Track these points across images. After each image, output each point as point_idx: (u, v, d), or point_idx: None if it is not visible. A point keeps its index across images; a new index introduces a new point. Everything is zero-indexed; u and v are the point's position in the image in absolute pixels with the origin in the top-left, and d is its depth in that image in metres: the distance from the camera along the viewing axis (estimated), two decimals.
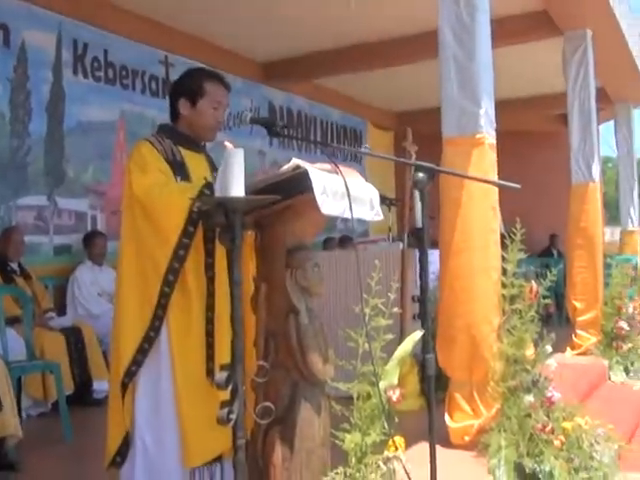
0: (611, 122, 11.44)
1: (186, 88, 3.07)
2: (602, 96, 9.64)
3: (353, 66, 9.05)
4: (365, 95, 11.40)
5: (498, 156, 4.14)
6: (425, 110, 10.72)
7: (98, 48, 7.18)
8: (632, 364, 6.92)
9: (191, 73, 3.16)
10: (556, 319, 9.21)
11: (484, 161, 3.94)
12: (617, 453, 4.12)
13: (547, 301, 4.03)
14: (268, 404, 2.50)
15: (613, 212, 20.42)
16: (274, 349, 2.60)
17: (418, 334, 3.05)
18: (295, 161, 2.49)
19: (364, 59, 8.76)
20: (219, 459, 2.80)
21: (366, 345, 2.68)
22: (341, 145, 10.56)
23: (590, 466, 3.73)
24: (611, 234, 15.97)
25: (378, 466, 2.71)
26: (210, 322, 2.79)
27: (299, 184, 2.43)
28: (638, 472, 4.27)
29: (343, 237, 9.82)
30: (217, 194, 2.32)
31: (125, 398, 2.80)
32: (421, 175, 2.45)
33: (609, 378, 6.65)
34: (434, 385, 3.96)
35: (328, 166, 2.56)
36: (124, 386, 2.79)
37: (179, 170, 2.95)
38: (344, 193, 2.47)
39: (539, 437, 3.60)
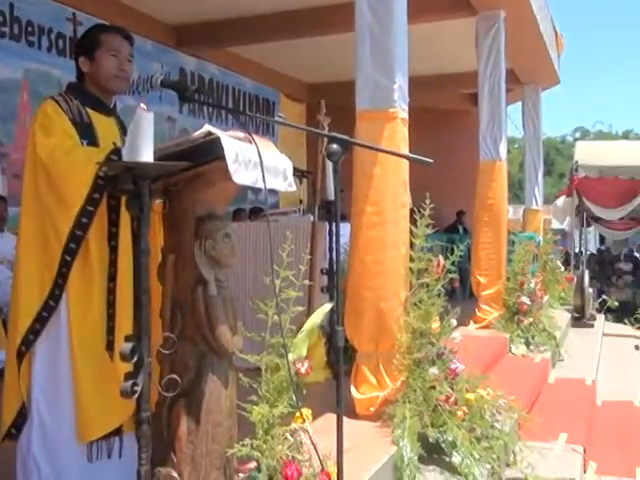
0: (519, 103, 11.70)
1: (84, 44, 2.96)
2: (512, 77, 9.86)
3: (268, 35, 8.91)
4: (279, 65, 11.29)
5: (410, 132, 4.16)
6: (339, 83, 10.68)
7: (3, 2, 6.83)
8: (533, 338, 7.18)
9: (88, 30, 3.05)
10: (460, 293, 9.44)
11: (396, 135, 3.95)
12: (517, 422, 4.28)
13: (453, 276, 4.12)
14: (174, 376, 2.46)
15: (516, 191, 21.07)
16: (181, 320, 2.54)
17: (327, 306, 3.05)
18: (207, 127, 2.42)
19: (279, 28, 8.65)
20: (118, 433, 2.74)
21: (275, 317, 2.66)
22: (255, 114, 10.42)
23: (491, 435, 3.86)
24: (514, 212, 16.49)
25: (285, 438, 2.71)
26: (112, 293, 2.71)
27: (211, 151, 2.37)
28: (537, 441, 4.45)
29: (254, 208, 9.76)
30: (125, 159, 2.24)
31: (22, 368, 2.70)
32: (335, 147, 2.42)
33: (510, 351, 6.88)
34: (342, 357, 4.02)
35: (241, 134, 2.50)
36: (20, 355, 2.69)
37: (86, 133, 2.83)
38: (257, 162, 2.42)
39: (443, 408, 3.69)
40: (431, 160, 2.47)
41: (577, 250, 17.28)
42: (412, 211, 4.15)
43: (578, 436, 4.88)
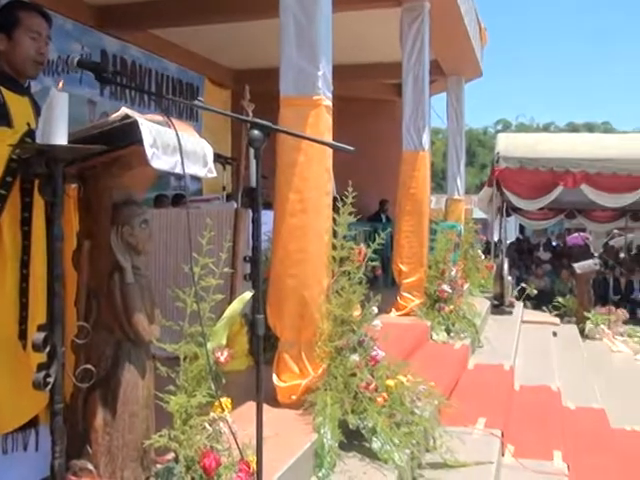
0: (443, 94, 11.85)
1: (1, 22, 2.84)
2: (436, 68, 9.98)
3: (192, 18, 8.74)
4: (204, 50, 11.12)
5: (334, 120, 4.16)
6: (265, 69, 10.59)
7: None
8: (453, 325, 7.31)
9: (5, 5, 2.93)
10: (383, 281, 9.51)
11: (320, 123, 3.94)
12: (437, 408, 4.35)
13: (374, 263, 4.14)
14: (89, 366, 2.40)
15: (439, 181, 21.43)
16: (96, 309, 2.49)
17: (248, 294, 3.03)
18: (124, 110, 2.36)
19: (203, 11, 8.49)
20: (34, 424, 2.65)
21: (194, 305, 2.62)
22: (175, 97, 10.23)
23: (411, 421, 3.92)
24: (436, 202, 16.76)
25: (204, 427, 2.68)
26: (25, 280, 2.61)
27: (128, 135, 2.31)
28: (456, 426, 4.54)
29: (177, 195, 9.61)
30: (38, 141, 2.16)
31: None
32: (256, 133, 2.39)
33: (431, 338, 6.99)
34: (264, 345, 3.99)
35: (160, 118, 2.45)
36: None
37: None
38: (176, 147, 2.38)
39: (363, 395, 3.73)
40: (352, 148, 2.47)
41: (497, 239, 17.71)
42: (336, 199, 4.16)
43: (496, 420, 4.99)
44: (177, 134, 2.39)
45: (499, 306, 10.30)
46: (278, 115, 4.00)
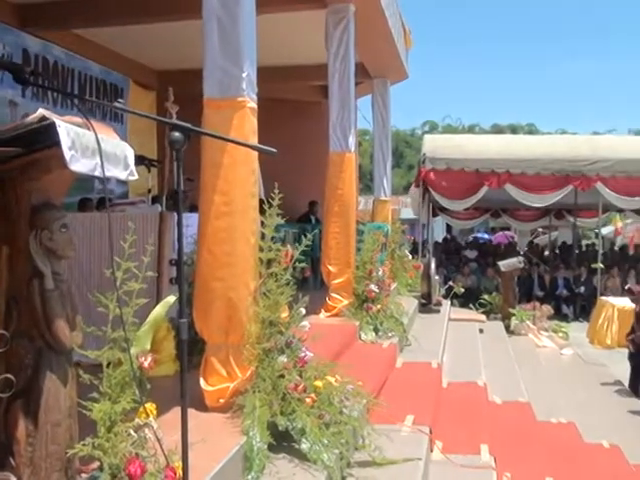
0: (369, 96, 11.95)
1: None
2: (361, 71, 10.06)
3: (115, 18, 8.59)
4: (128, 51, 10.93)
5: (261, 122, 4.15)
6: (190, 70, 10.48)
7: None
8: (381, 324, 7.38)
9: None
10: (312, 283, 9.55)
11: (245, 125, 3.93)
12: (366, 407, 4.39)
13: (302, 265, 4.16)
14: (9, 375, 2.34)
15: (367, 182, 21.62)
16: (16, 316, 2.43)
17: (172, 298, 3.01)
18: (41, 111, 2.30)
19: (127, 11, 8.36)
20: None
21: (117, 310, 2.58)
22: (94, 99, 10.02)
23: (340, 421, 3.94)
24: (365, 203, 16.91)
25: (129, 434, 2.64)
26: None
27: (45, 137, 2.26)
28: (385, 424, 4.58)
29: (102, 198, 9.43)
30: None
31: None
32: (177, 135, 2.37)
33: (360, 338, 7.03)
34: (191, 350, 3.96)
35: (79, 120, 2.40)
36: None
37: None
38: (95, 149, 2.33)
39: (292, 396, 3.73)
40: (275, 150, 2.47)
41: (424, 239, 17.98)
42: (263, 201, 4.15)
43: (424, 417, 5.05)
44: (96, 136, 2.35)
45: (426, 305, 10.45)
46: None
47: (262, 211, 4.14)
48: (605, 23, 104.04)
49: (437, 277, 11.29)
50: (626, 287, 14.02)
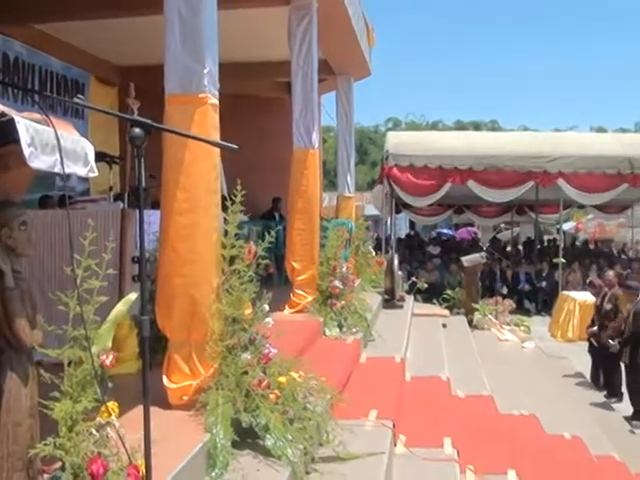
0: (333, 93, 11.97)
1: None
2: (325, 67, 10.07)
3: (75, 12, 8.46)
4: (90, 46, 10.79)
5: (224, 118, 4.14)
6: (152, 66, 10.39)
7: None
8: (345, 320, 7.40)
9: None
10: (276, 279, 9.53)
11: (206, 121, 3.91)
12: (330, 403, 4.40)
13: (266, 261, 4.15)
14: None
15: (332, 179, 21.67)
16: None
17: (133, 295, 2.98)
18: (0, 108, 2.27)
19: (87, 6, 8.25)
20: None
21: (78, 308, 2.56)
22: (54, 95, 9.87)
23: (304, 416, 3.95)
24: (329, 200, 16.94)
25: (91, 433, 2.62)
26: None
27: (4, 133, 2.24)
28: (349, 419, 4.60)
29: (63, 196, 9.32)
30: None
31: None
32: (137, 131, 2.35)
33: (324, 334, 7.05)
34: (154, 347, 3.94)
35: (38, 116, 2.38)
36: None
37: None
38: (55, 146, 2.31)
39: (255, 392, 3.74)
40: (236, 146, 2.47)
41: (388, 235, 18.07)
42: (225, 198, 4.14)
43: (388, 412, 5.09)
44: (56, 132, 2.33)
45: (390, 300, 10.49)
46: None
47: (225, 208, 4.13)
48: (568, 22, 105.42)
49: (400, 273, 11.35)
50: (588, 280, 14.24)
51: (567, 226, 32.58)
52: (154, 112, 3.39)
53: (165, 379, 3.85)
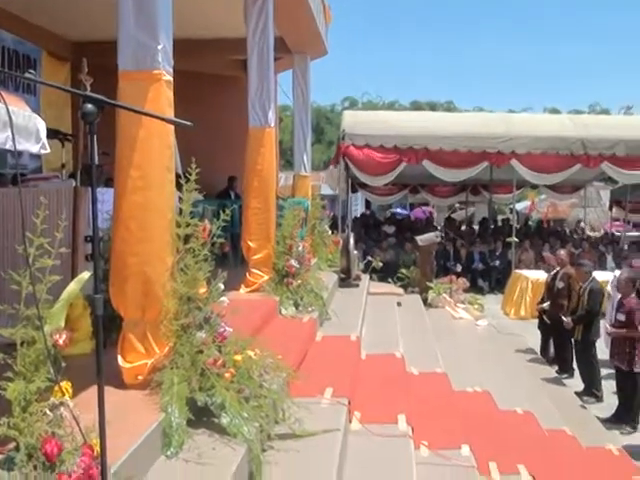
0: (289, 71, 11.89)
1: None
2: (281, 46, 10.00)
3: None
4: (42, 21, 10.54)
5: (180, 96, 4.09)
6: (105, 42, 10.17)
7: None
8: (301, 299, 7.42)
9: None
10: (232, 258, 9.50)
11: (161, 98, 3.86)
12: (286, 381, 4.43)
13: (221, 240, 4.14)
14: None
15: (288, 158, 21.61)
16: None
17: (86, 274, 2.95)
18: None
19: None
20: None
21: (30, 287, 2.52)
22: (5, 70, 9.63)
23: (260, 394, 3.97)
24: (285, 179, 16.91)
25: (44, 413, 2.59)
26: None
27: None
28: (305, 396, 4.63)
29: (15, 173, 9.14)
30: None
31: None
32: (89, 107, 2.31)
33: (280, 312, 7.06)
34: (109, 327, 3.91)
35: None
36: None
37: None
38: (6, 122, 2.28)
39: (211, 371, 3.73)
40: (190, 123, 2.45)
41: (344, 214, 18.12)
42: (179, 176, 4.10)
43: (343, 389, 5.14)
44: (8, 109, 2.28)
45: (346, 279, 10.55)
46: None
47: (179, 186, 4.09)
48: (524, 4, 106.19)
49: (356, 252, 11.40)
50: (543, 253, 14.53)
51: (520, 206, 33.07)
52: (108, 89, 3.34)
53: (120, 358, 3.82)
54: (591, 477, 6.08)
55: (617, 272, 10.69)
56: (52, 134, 6.68)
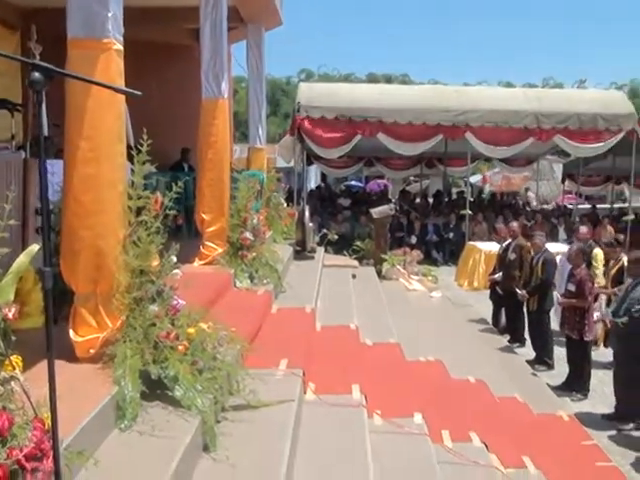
0: (244, 42, 11.75)
1: None
2: (235, 15, 9.87)
3: None
4: None
5: (131, 65, 4.02)
6: (55, 9, 9.92)
7: None
8: (256, 271, 7.41)
9: None
10: (186, 231, 9.43)
11: (111, 67, 3.78)
12: (240, 353, 4.44)
13: (173, 212, 4.10)
14: None
15: (243, 130, 21.44)
16: None
17: (35, 247, 2.90)
18: None
19: None
20: None
21: None
22: None
23: (214, 367, 3.98)
24: (240, 151, 16.79)
25: None
26: None
27: None
28: (260, 368, 4.66)
29: None
30: None
31: None
32: (37, 75, 2.25)
33: (235, 285, 7.05)
34: (61, 301, 3.87)
35: None
36: None
37: None
38: None
39: (164, 344, 3.72)
40: (139, 92, 2.41)
41: (299, 187, 18.11)
42: (131, 147, 4.05)
43: (298, 360, 5.18)
44: None
45: (301, 252, 10.56)
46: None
47: (131, 158, 4.04)
48: None
49: (311, 225, 11.40)
50: (496, 225, 14.74)
51: (474, 179, 33.42)
52: (58, 58, 3.27)
53: (72, 332, 3.78)
54: (542, 443, 6.25)
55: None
56: (1, 104, 6.53)
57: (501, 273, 10.98)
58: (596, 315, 8.75)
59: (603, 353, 9.64)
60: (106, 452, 3.13)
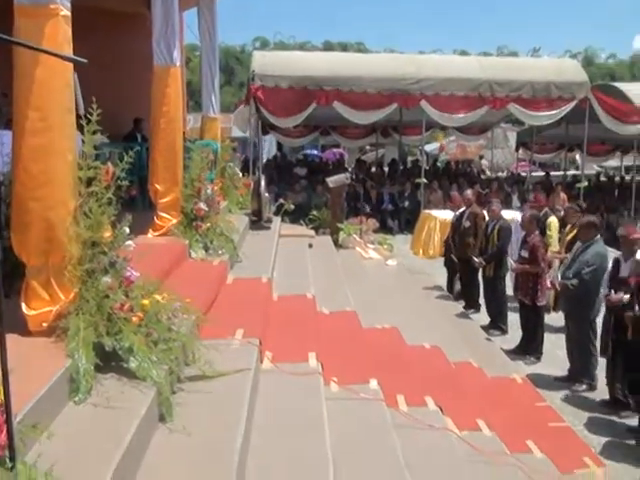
0: (195, 9, 11.54)
1: None
2: None
3: None
4: None
5: (80, 33, 3.93)
6: None
7: None
8: (211, 242, 7.37)
9: None
10: (140, 202, 9.31)
11: (58, 34, 3.69)
12: (195, 323, 4.43)
13: (126, 183, 4.05)
14: None
15: (197, 99, 21.19)
16: None
17: None
18: None
19: None
20: None
21: None
22: None
23: (169, 338, 3.97)
24: (194, 121, 16.60)
25: None
26: None
27: None
28: (215, 338, 4.66)
29: None
30: None
31: None
32: None
33: (190, 256, 7.01)
34: (12, 274, 3.81)
35: None
36: None
37: None
38: None
39: (118, 316, 3.70)
40: (85, 60, 2.36)
41: (255, 157, 18.01)
42: (80, 117, 3.97)
43: (254, 330, 5.19)
44: None
45: (257, 222, 10.52)
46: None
47: (81, 128, 3.96)
48: None
49: (267, 194, 11.35)
50: (451, 193, 14.88)
51: (430, 147, 33.62)
52: (5, 25, 3.18)
53: (24, 306, 3.73)
54: (496, 404, 6.39)
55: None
56: None
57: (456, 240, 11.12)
58: (549, 281, 8.94)
59: (555, 318, 9.86)
60: (60, 425, 3.11)
